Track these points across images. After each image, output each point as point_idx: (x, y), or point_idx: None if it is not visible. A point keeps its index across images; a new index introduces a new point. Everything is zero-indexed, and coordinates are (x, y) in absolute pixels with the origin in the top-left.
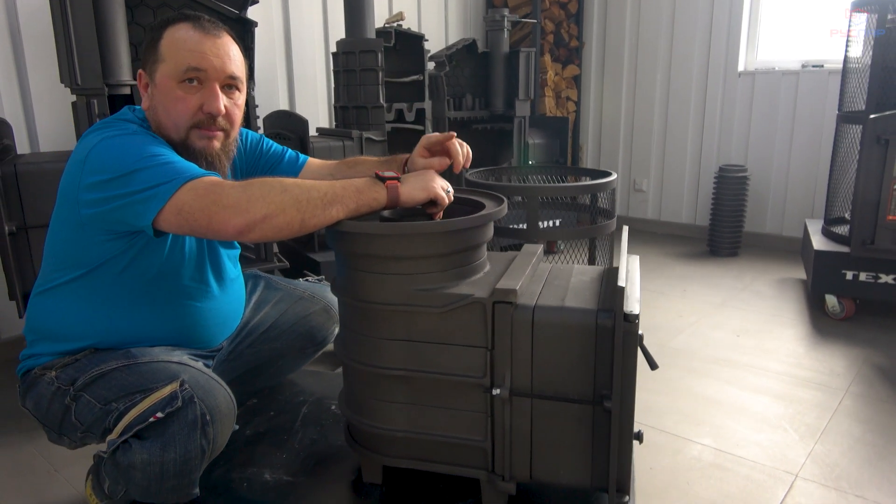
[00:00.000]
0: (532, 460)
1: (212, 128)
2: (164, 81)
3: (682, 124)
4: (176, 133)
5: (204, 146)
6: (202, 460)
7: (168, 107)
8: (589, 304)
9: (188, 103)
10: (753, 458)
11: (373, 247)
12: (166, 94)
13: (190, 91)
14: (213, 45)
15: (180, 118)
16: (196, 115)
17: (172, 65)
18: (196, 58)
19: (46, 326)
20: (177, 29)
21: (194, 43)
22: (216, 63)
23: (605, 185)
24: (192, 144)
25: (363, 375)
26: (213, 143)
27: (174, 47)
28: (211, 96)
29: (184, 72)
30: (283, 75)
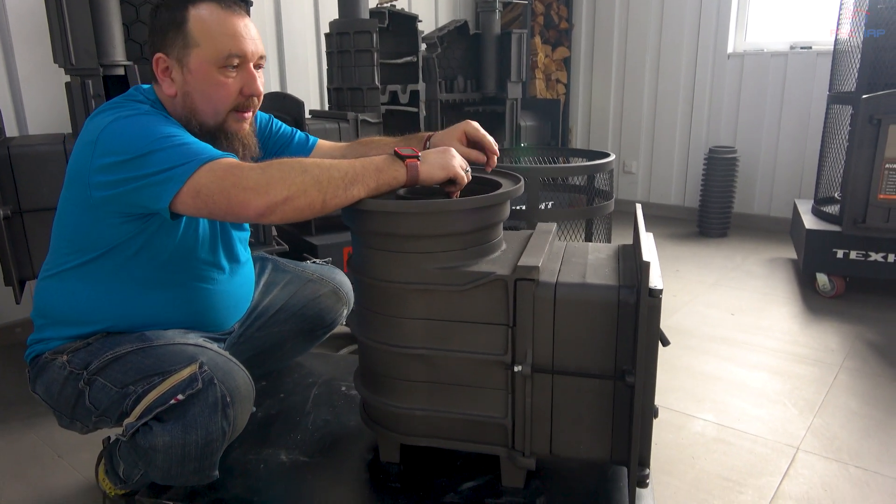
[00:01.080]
0: (552, 435)
1: (248, 109)
2: (203, 67)
3: (672, 106)
4: (214, 118)
5: (237, 128)
6: (223, 442)
7: (209, 92)
8: (610, 281)
9: (230, 88)
10: (755, 433)
11: (394, 225)
12: (206, 80)
13: (230, 75)
14: (245, 27)
15: (221, 103)
16: (237, 98)
17: (212, 50)
18: (236, 44)
19: (56, 310)
20: (201, 10)
21: (228, 26)
22: (251, 46)
23: (605, 165)
24: (229, 128)
25: (381, 355)
26: (245, 124)
27: (208, 32)
28: (251, 79)
29: (225, 58)
30: (273, 56)
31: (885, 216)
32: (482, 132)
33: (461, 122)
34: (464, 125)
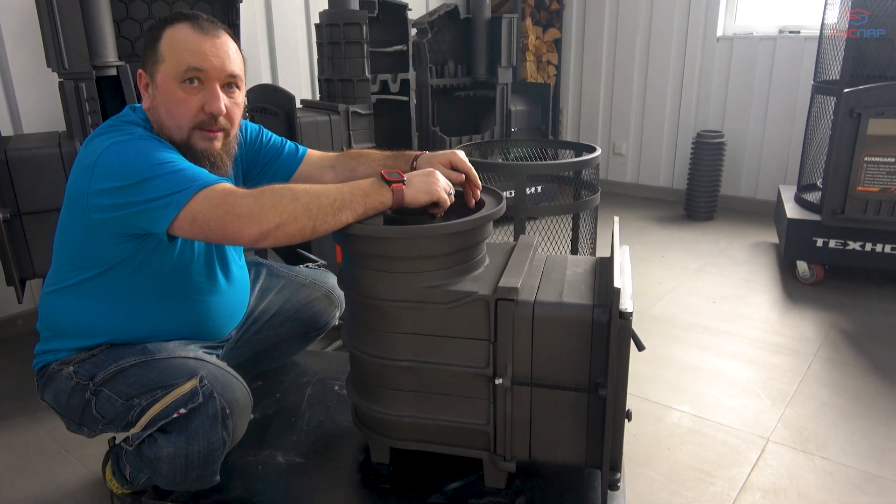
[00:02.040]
0: (531, 441)
1: (213, 128)
2: (165, 82)
3: (661, 89)
4: (178, 134)
5: (206, 147)
6: (223, 450)
7: (170, 108)
8: (585, 300)
9: (190, 104)
10: (729, 424)
11: (380, 248)
12: (167, 95)
13: (191, 92)
14: (212, 45)
15: (182, 119)
16: (198, 115)
17: (173, 65)
18: (196, 58)
19: (61, 324)
20: (176, 29)
21: (194, 43)
22: (216, 62)
23: (590, 161)
24: (195, 145)
25: (371, 366)
26: (215, 143)
27: (174, 48)
28: (212, 97)
29: (184, 72)
30: (264, 47)
31: (863, 208)
32: (468, 164)
33: (449, 151)
34: (451, 154)
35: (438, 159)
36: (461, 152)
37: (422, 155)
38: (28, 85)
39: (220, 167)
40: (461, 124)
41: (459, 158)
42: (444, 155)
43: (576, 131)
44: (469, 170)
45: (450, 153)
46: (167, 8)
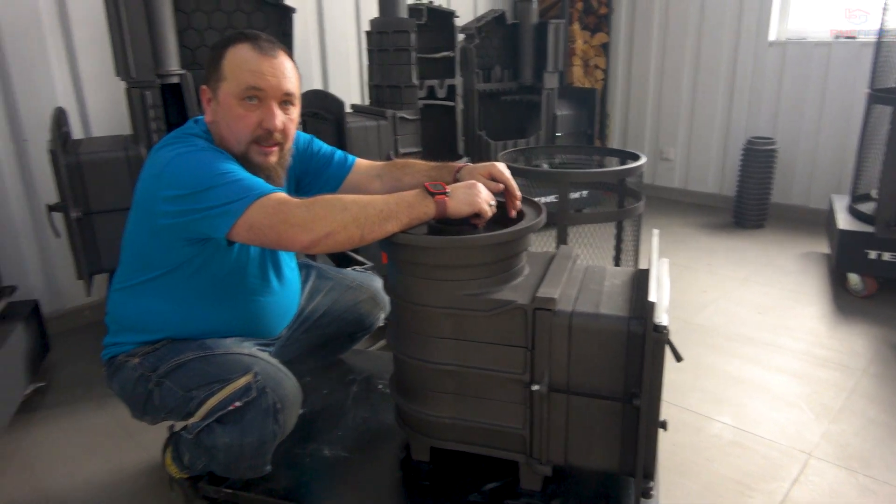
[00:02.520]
0: (567, 447)
1: (269, 142)
2: (227, 99)
3: (712, 93)
4: (237, 147)
5: (261, 161)
6: (274, 442)
7: (230, 123)
8: (622, 311)
9: (248, 120)
10: (771, 437)
11: (423, 257)
12: (228, 111)
13: (250, 109)
14: (270, 65)
15: (241, 134)
16: (255, 131)
17: (234, 84)
18: (255, 77)
19: (128, 319)
20: (237, 49)
21: (254, 63)
22: (273, 82)
23: (634, 169)
24: (252, 158)
25: (414, 368)
26: (270, 158)
27: (236, 67)
28: (269, 114)
29: (244, 90)
30: (316, 53)
31: None
32: (507, 175)
33: (490, 163)
34: (491, 166)
35: (480, 171)
36: (502, 164)
37: (465, 166)
38: (97, 90)
39: (275, 179)
40: (507, 129)
41: (499, 170)
42: (486, 167)
43: (623, 136)
44: (508, 181)
45: (490, 165)
46: (225, 18)
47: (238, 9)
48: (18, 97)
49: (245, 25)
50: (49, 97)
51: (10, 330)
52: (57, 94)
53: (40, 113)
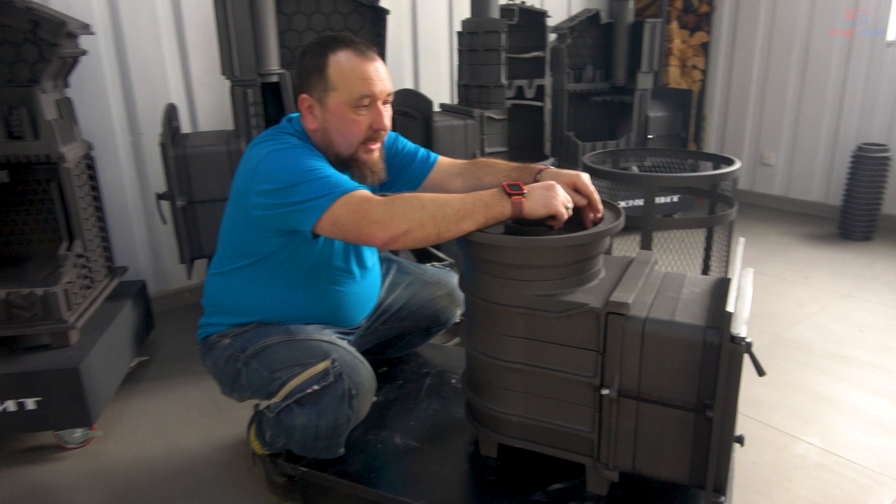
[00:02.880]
0: (635, 453)
1: (375, 141)
2: (339, 108)
3: (820, 96)
4: (347, 149)
5: (368, 158)
6: (348, 426)
7: (344, 129)
8: (698, 320)
9: (361, 125)
10: (862, 462)
11: (498, 256)
12: (341, 118)
13: (361, 113)
14: (374, 70)
15: (354, 137)
16: (366, 132)
17: (346, 93)
18: (367, 85)
19: (222, 302)
20: (339, 56)
21: (362, 71)
22: (380, 87)
23: (725, 175)
24: (360, 157)
25: (485, 364)
26: (374, 154)
27: (344, 76)
28: (379, 116)
29: (358, 99)
30: (409, 53)
31: None
32: (591, 188)
33: (574, 173)
34: (576, 177)
35: (563, 178)
36: (586, 176)
37: (546, 169)
38: (205, 88)
39: (377, 173)
40: (596, 129)
41: (584, 182)
42: (570, 176)
43: (720, 139)
44: (591, 194)
45: (575, 175)
46: (324, 20)
47: (336, 10)
48: (136, 93)
49: (342, 27)
50: (163, 94)
51: (121, 307)
52: (170, 92)
53: (154, 108)
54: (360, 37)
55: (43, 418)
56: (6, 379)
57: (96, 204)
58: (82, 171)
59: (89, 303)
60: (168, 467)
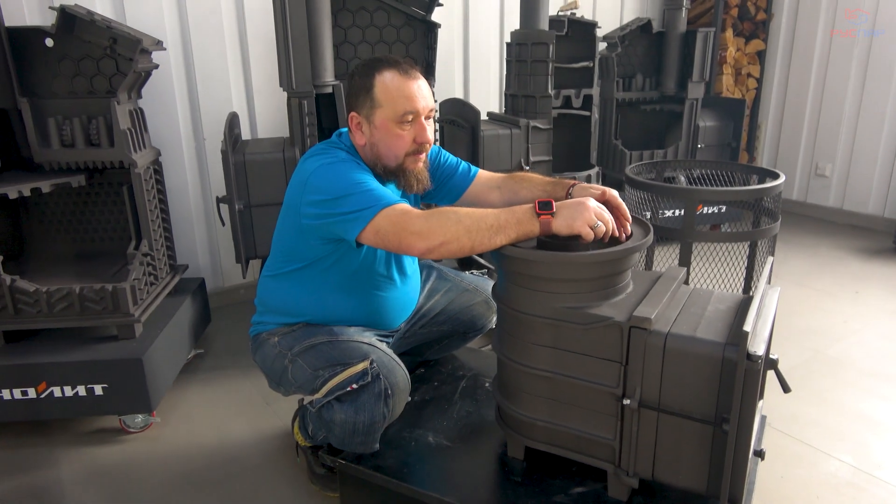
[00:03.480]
0: (655, 462)
1: (420, 153)
2: (385, 124)
3: (880, 105)
4: (395, 162)
5: (414, 168)
6: (383, 423)
7: (390, 143)
8: (719, 337)
9: (406, 139)
10: (894, 482)
11: (527, 268)
12: (387, 133)
13: (405, 128)
14: (417, 89)
15: (400, 150)
16: (411, 146)
17: (391, 110)
18: (410, 103)
19: (273, 303)
20: (384, 77)
21: (406, 89)
22: (423, 104)
23: (767, 190)
24: (407, 167)
25: (514, 371)
26: (419, 164)
27: (389, 95)
28: (422, 130)
29: (402, 115)
30: (459, 62)
31: None
32: (619, 201)
33: (602, 188)
34: (606, 191)
35: (591, 191)
36: (615, 192)
37: (577, 184)
38: (264, 97)
39: (423, 181)
40: (645, 138)
41: (612, 195)
42: (599, 188)
43: (774, 149)
44: (619, 206)
45: (607, 191)
46: (377, 33)
47: (389, 23)
48: (201, 102)
49: (394, 39)
50: (225, 103)
51: (180, 302)
52: (232, 100)
53: (217, 116)
54: (412, 48)
55: (108, 403)
56: (77, 366)
57: (162, 206)
58: (150, 177)
59: (153, 298)
60: (218, 453)
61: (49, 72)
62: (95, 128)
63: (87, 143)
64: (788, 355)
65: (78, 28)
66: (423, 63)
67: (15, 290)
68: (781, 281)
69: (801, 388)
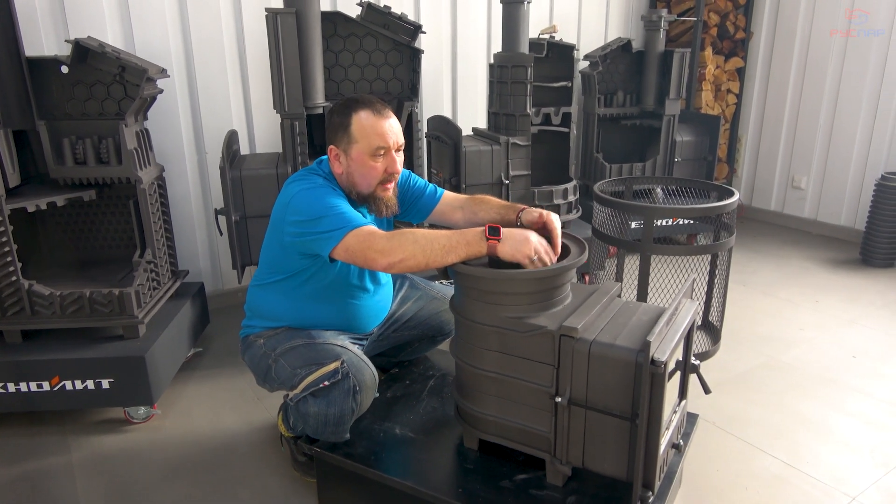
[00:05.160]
0: (584, 452)
1: (390, 182)
2: (360, 157)
3: (852, 121)
4: (368, 189)
5: (384, 195)
6: (352, 416)
7: (364, 174)
8: (635, 345)
9: (378, 170)
10: (818, 477)
11: (476, 284)
12: (362, 165)
13: (378, 161)
14: (389, 127)
15: (373, 180)
16: (382, 175)
17: (365, 145)
18: (382, 139)
19: (259, 309)
20: (360, 116)
21: (379, 127)
22: (393, 139)
23: (721, 207)
24: (378, 195)
25: (468, 372)
26: (389, 192)
27: (364, 132)
28: (393, 163)
29: (375, 150)
30: (448, 78)
31: None
32: (554, 226)
33: (547, 213)
34: (547, 217)
35: (533, 215)
36: (555, 217)
37: (525, 209)
38: (262, 113)
39: (391, 206)
40: (626, 152)
41: (549, 220)
42: (541, 214)
43: (753, 161)
44: (553, 231)
45: (546, 215)
46: (366, 56)
47: (377, 48)
48: (203, 118)
49: (382, 62)
50: (226, 118)
51: (181, 305)
52: (232, 117)
53: (218, 131)
54: (398, 71)
55: (114, 396)
56: (87, 363)
57: (165, 217)
58: (155, 191)
59: (156, 301)
60: (213, 443)
61: (64, 96)
62: (105, 147)
63: (97, 161)
64: (744, 360)
65: (90, 58)
66: (408, 84)
67: (32, 294)
68: (750, 290)
69: (749, 390)
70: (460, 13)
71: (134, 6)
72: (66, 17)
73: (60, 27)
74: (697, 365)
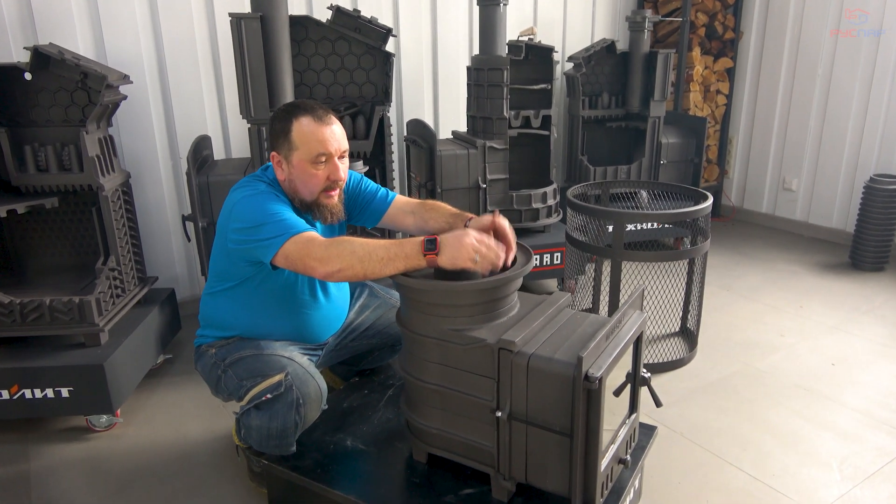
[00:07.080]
0: (527, 468)
1: (334, 189)
2: (301, 164)
3: (842, 123)
4: (310, 197)
5: (328, 202)
6: (296, 430)
7: (305, 181)
8: (573, 359)
9: (320, 177)
10: (782, 491)
11: (417, 295)
12: (303, 172)
13: (319, 168)
14: (330, 133)
15: (315, 188)
16: (325, 183)
17: (305, 152)
18: (322, 146)
19: (211, 318)
20: (301, 123)
21: (319, 133)
22: (335, 145)
23: (693, 213)
24: (321, 202)
25: (413, 385)
26: (333, 199)
27: (304, 138)
28: (335, 170)
29: (315, 157)
30: (429, 81)
31: None
32: (506, 230)
33: (495, 216)
34: (496, 219)
35: (483, 223)
36: (505, 221)
37: (473, 218)
38: (236, 118)
39: (337, 214)
40: (612, 154)
41: (501, 224)
42: (489, 220)
43: (744, 162)
44: (506, 235)
45: (497, 218)
46: (339, 60)
47: (350, 52)
48: (176, 123)
49: (355, 66)
50: (199, 124)
51: (148, 312)
52: (206, 122)
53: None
54: (372, 74)
55: (74, 405)
56: (46, 371)
57: (131, 224)
58: (119, 198)
59: (119, 309)
60: (174, 451)
61: (28, 102)
62: (68, 154)
63: (59, 168)
64: (719, 367)
65: (52, 65)
66: (382, 88)
67: None
68: (734, 295)
69: (721, 398)
70: (440, 15)
71: (104, 12)
72: (35, 25)
73: (30, 34)
74: (648, 377)
